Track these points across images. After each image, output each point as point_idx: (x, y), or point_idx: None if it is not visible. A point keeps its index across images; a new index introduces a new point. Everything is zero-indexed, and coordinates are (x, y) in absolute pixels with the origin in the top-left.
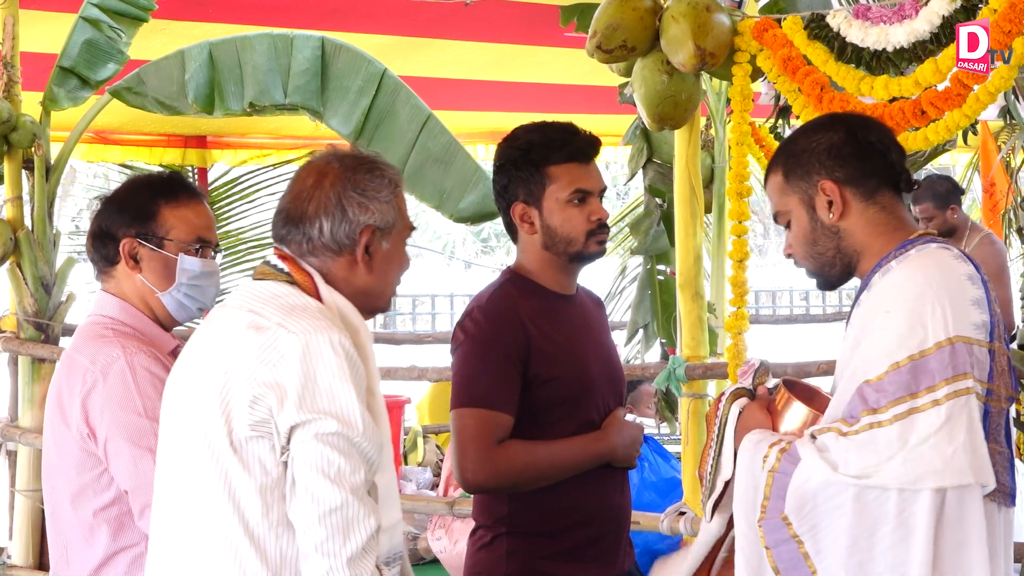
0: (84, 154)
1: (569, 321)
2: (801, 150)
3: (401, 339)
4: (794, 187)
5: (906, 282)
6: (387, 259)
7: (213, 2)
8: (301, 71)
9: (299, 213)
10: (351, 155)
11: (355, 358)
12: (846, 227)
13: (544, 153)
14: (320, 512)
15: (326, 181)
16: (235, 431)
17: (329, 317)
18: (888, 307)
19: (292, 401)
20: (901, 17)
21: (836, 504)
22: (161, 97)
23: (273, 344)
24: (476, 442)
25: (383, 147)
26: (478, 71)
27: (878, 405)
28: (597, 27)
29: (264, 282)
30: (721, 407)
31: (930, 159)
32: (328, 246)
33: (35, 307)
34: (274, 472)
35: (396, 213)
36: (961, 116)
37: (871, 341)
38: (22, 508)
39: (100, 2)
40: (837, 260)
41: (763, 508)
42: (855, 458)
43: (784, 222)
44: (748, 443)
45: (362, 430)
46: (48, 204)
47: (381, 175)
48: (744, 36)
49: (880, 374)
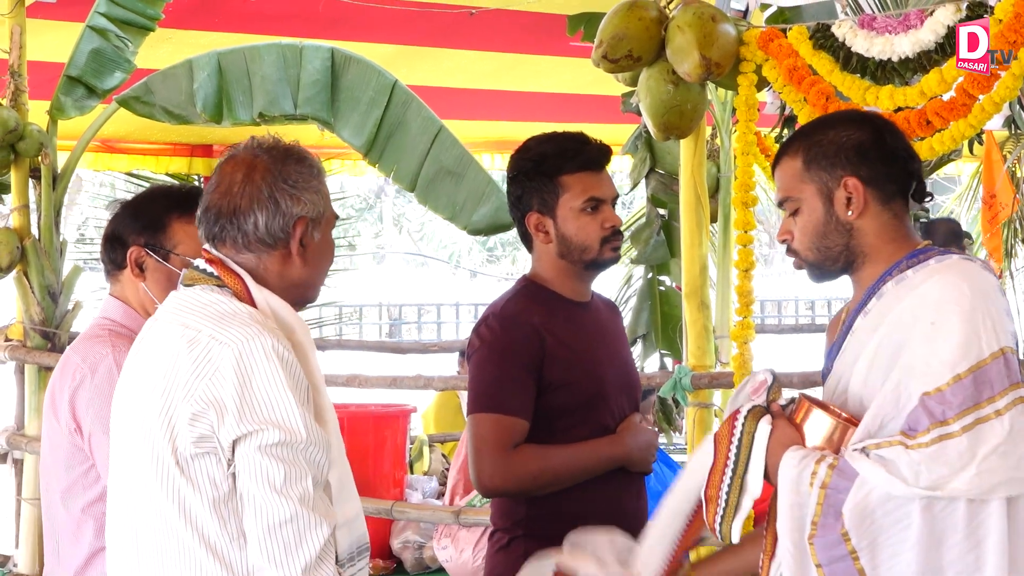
0: (90, 163)
1: (584, 328)
2: (829, 142)
3: (407, 348)
4: (814, 177)
5: (950, 293)
6: (319, 250)
7: (219, 11)
8: (311, 82)
9: (232, 208)
10: (276, 146)
11: (291, 361)
12: (860, 227)
13: (556, 163)
14: (270, 525)
15: (256, 174)
16: (179, 449)
17: (261, 321)
18: (932, 319)
19: (231, 414)
20: (906, 27)
21: (899, 517)
22: (169, 106)
23: (206, 357)
24: (492, 447)
25: (395, 158)
26: (484, 80)
27: (944, 417)
28: (603, 37)
29: (193, 289)
30: (739, 426)
31: (935, 169)
32: (263, 240)
33: (41, 316)
34: (224, 486)
35: (324, 202)
36: (966, 126)
37: (920, 352)
38: (28, 516)
39: (107, 11)
40: (842, 257)
41: (814, 525)
42: (926, 470)
43: (791, 209)
44: (791, 460)
45: (305, 436)
46: (55, 213)
47: (309, 165)
48: (750, 46)
49: (941, 386)
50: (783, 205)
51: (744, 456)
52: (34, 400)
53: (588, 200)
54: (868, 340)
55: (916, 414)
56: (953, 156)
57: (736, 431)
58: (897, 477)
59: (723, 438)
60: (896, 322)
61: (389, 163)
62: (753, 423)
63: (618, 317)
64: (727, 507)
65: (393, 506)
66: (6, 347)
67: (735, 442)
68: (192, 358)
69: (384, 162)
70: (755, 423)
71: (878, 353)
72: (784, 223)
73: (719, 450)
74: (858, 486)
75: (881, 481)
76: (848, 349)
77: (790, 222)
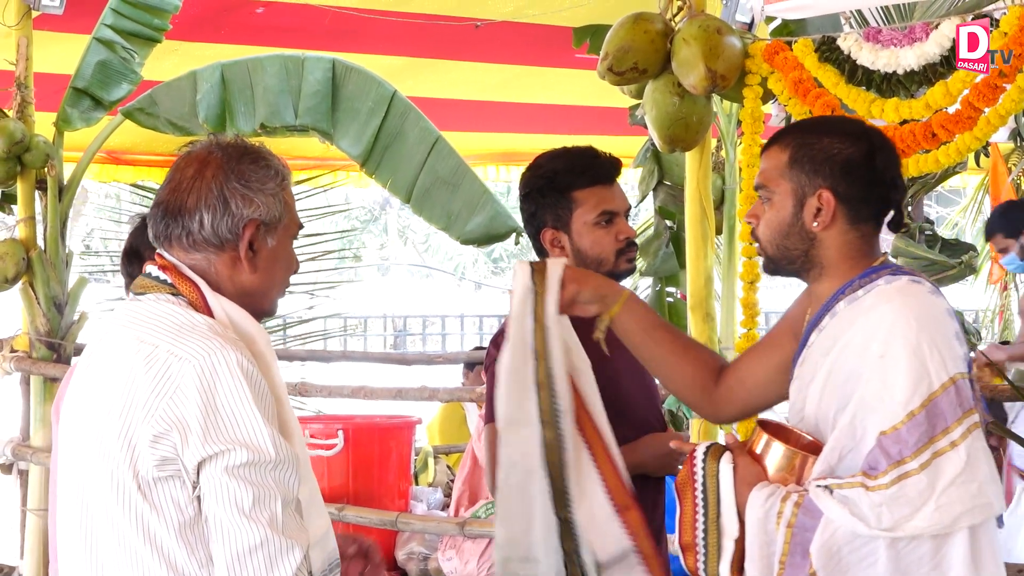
0: (97, 174)
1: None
2: (820, 148)
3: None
4: (794, 177)
5: (899, 326)
6: (272, 257)
7: (226, 23)
8: (312, 92)
9: (178, 205)
10: (235, 144)
11: (256, 376)
12: (823, 239)
13: (568, 179)
14: (239, 551)
15: (207, 171)
16: (141, 473)
17: (221, 333)
18: (880, 351)
19: (196, 435)
20: (911, 40)
21: (865, 554)
22: (173, 118)
23: (166, 374)
24: None
25: (392, 169)
26: (490, 92)
27: (902, 456)
28: (608, 49)
29: (146, 297)
30: (700, 468)
31: (940, 181)
32: (209, 240)
33: (47, 327)
34: (190, 510)
35: (283, 208)
36: (972, 139)
37: (872, 388)
38: (33, 527)
39: (113, 23)
40: (799, 261)
41: (782, 564)
42: (887, 512)
43: (764, 196)
44: (757, 500)
45: (274, 455)
46: (60, 224)
47: (267, 166)
48: (755, 59)
49: (896, 424)
50: (758, 189)
51: (713, 499)
52: (39, 411)
53: (601, 214)
54: (821, 362)
55: (874, 454)
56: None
57: (697, 474)
58: (859, 519)
59: (686, 483)
60: (846, 347)
61: (386, 174)
62: (714, 463)
63: None
64: (708, 552)
65: (398, 517)
66: (12, 358)
67: (699, 486)
68: (151, 376)
69: (381, 172)
70: (716, 463)
71: (829, 379)
72: (755, 206)
73: (684, 496)
74: (824, 526)
75: (845, 521)
76: (805, 364)
77: (760, 208)
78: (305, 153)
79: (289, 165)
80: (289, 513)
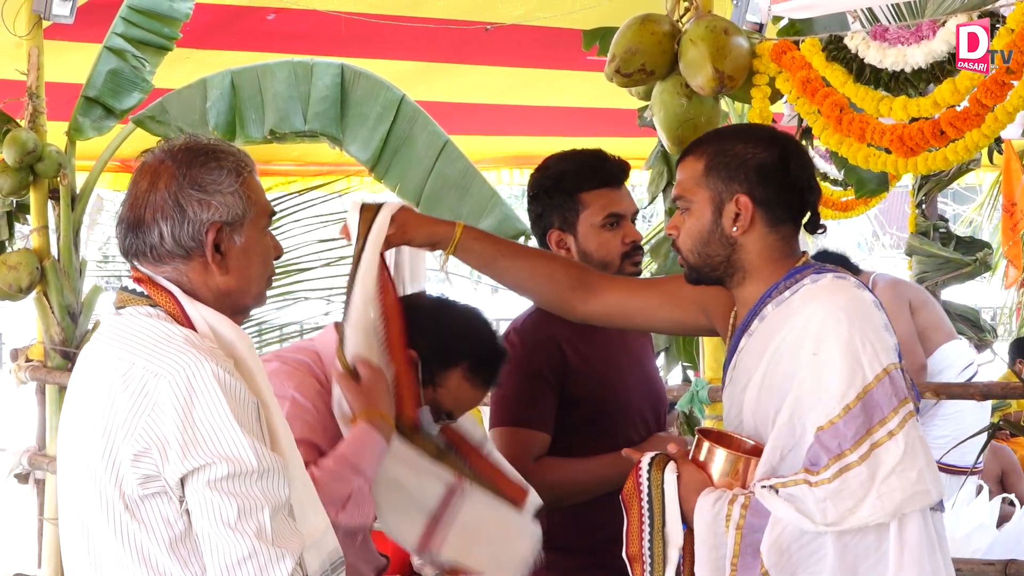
0: (110, 183)
1: (608, 342)
2: (734, 154)
3: None
4: (711, 184)
5: (829, 323)
6: (244, 254)
7: (236, 31)
8: (320, 98)
9: (137, 220)
10: (185, 148)
11: (234, 385)
12: (743, 243)
13: (576, 181)
14: (227, 564)
15: (160, 182)
16: (127, 492)
17: (197, 344)
18: (813, 349)
19: (175, 451)
20: (919, 38)
21: (813, 550)
22: (183, 125)
23: (142, 391)
24: (513, 460)
25: (401, 173)
26: (501, 96)
27: (841, 450)
28: (616, 51)
29: (126, 311)
30: (645, 479)
31: (955, 179)
32: (174, 252)
33: (62, 336)
34: (179, 524)
35: (245, 203)
36: (980, 136)
37: (807, 387)
38: (50, 536)
39: (124, 32)
40: (722, 267)
41: (733, 566)
42: (832, 506)
43: (683, 207)
44: (704, 504)
45: (256, 465)
46: (74, 233)
47: (219, 165)
48: (762, 58)
49: (833, 418)
50: (676, 201)
51: (658, 509)
52: (55, 420)
53: (608, 216)
54: (755, 366)
55: (814, 450)
56: (972, 166)
57: (643, 485)
58: (806, 515)
59: (631, 494)
60: (779, 349)
61: (395, 178)
62: (659, 473)
63: (645, 333)
64: (654, 562)
65: None
66: (27, 368)
67: (645, 496)
68: (128, 394)
69: (390, 177)
70: (660, 473)
71: (765, 382)
72: (675, 218)
73: (631, 507)
74: (772, 525)
75: (792, 519)
76: (737, 369)
77: (679, 219)
78: (318, 159)
79: (302, 171)
80: (279, 520)
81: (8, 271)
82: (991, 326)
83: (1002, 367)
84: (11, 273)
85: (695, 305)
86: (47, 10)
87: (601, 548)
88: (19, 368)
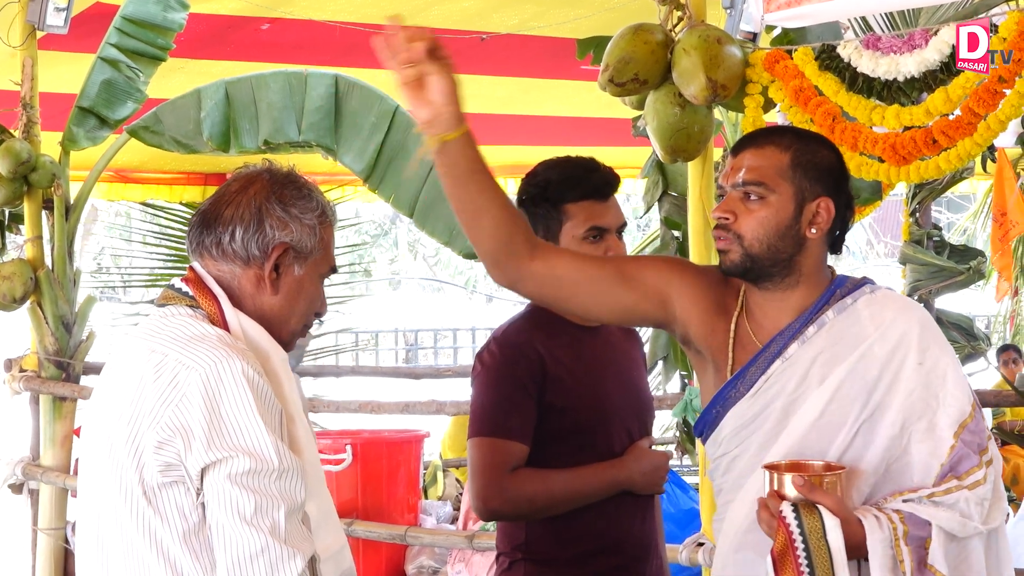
0: (104, 193)
1: (591, 352)
2: (821, 158)
3: (421, 373)
4: (797, 179)
5: (926, 332)
6: (297, 285)
7: (231, 41)
8: (315, 108)
9: (215, 216)
10: (286, 173)
11: (261, 385)
12: (809, 246)
13: (560, 191)
14: (239, 557)
15: (251, 188)
16: (147, 479)
17: (230, 344)
18: (919, 359)
19: (200, 442)
20: (911, 47)
21: (969, 551)
22: (178, 136)
23: (173, 382)
24: (490, 471)
25: (395, 183)
26: (496, 105)
27: (983, 447)
28: (609, 61)
29: (166, 309)
30: (797, 531)
31: (948, 187)
32: (237, 253)
33: (56, 346)
34: (194, 517)
35: (317, 242)
36: (972, 144)
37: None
38: (44, 547)
39: (118, 42)
40: (780, 265)
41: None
42: (988, 507)
43: (756, 194)
44: (873, 529)
45: (277, 463)
46: (68, 243)
47: (310, 197)
48: (756, 68)
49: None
50: (748, 186)
51: (823, 560)
52: (49, 430)
53: (590, 229)
54: (826, 373)
55: (960, 453)
56: (965, 174)
57: (797, 540)
58: (969, 518)
59: (784, 552)
60: (866, 356)
61: (389, 188)
62: (815, 520)
63: (634, 342)
64: None
65: (407, 531)
66: (21, 378)
67: (801, 551)
68: (159, 384)
69: (384, 187)
70: (817, 520)
71: (842, 390)
72: (732, 202)
73: (784, 567)
74: (936, 534)
75: (954, 526)
76: (781, 378)
77: (740, 205)
78: (313, 168)
79: None
80: (293, 521)
81: (2, 281)
82: (985, 334)
83: (995, 375)
84: (5, 283)
85: (656, 293)
86: (41, 20)
87: (584, 560)
88: (13, 378)
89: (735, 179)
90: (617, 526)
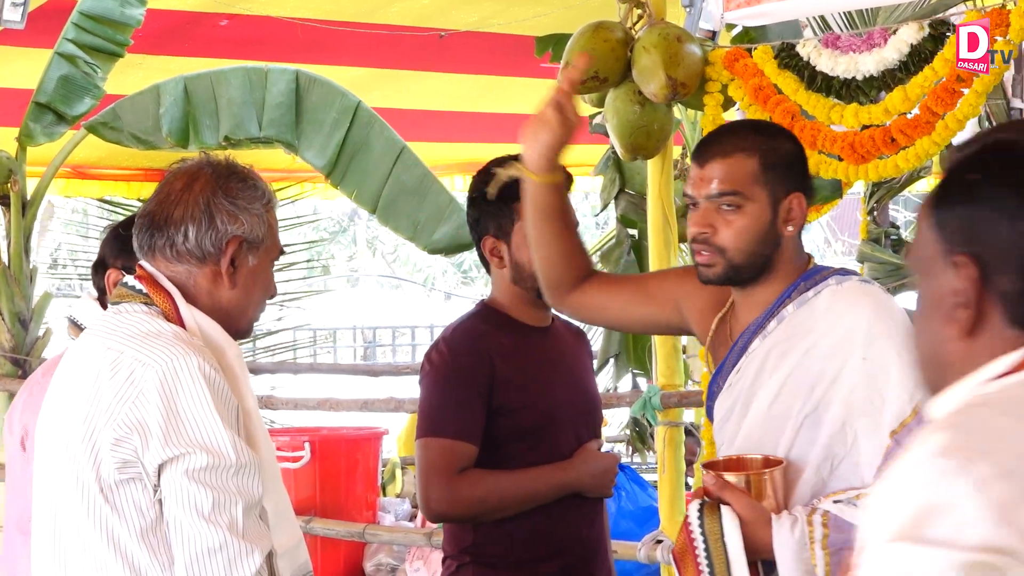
0: (62, 189)
1: (541, 353)
2: (784, 152)
3: (379, 371)
4: (770, 182)
5: (874, 326)
6: (252, 275)
7: (190, 37)
8: (275, 104)
9: (164, 217)
10: (225, 163)
11: (218, 382)
12: (785, 242)
13: (512, 189)
14: (197, 553)
15: (196, 185)
16: (103, 477)
17: (186, 340)
18: (863, 354)
19: (156, 438)
20: (870, 46)
21: None
22: (136, 132)
23: (129, 379)
24: (438, 472)
25: (357, 179)
26: (455, 103)
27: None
28: (569, 58)
29: (120, 307)
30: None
31: (906, 186)
32: (192, 253)
33: (12, 343)
34: (151, 513)
35: (266, 229)
36: (930, 143)
37: (860, 393)
38: None
39: (75, 37)
40: (759, 267)
41: None
42: None
43: (732, 204)
44: (783, 533)
45: (235, 459)
46: (24, 239)
47: (255, 187)
48: (715, 66)
49: (905, 420)
50: (724, 197)
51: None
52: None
53: None
54: (774, 367)
55: (894, 452)
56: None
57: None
58: None
59: (684, 552)
60: (811, 351)
61: (351, 184)
62: (714, 522)
63: (583, 343)
64: None
65: (365, 529)
66: None
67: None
68: (115, 381)
69: (346, 183)
70: (716, 521)
71: (788, 384)
72: (708, 215)
73: (685, 566)
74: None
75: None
76: (743, 371)
77: (717, 216)
78: (271, 165)
79: None
80: (251, 517)
81: None
82: None
83: None
84: None
85: (671, 303)
86: None
87: (532, 564)
88: None
89: (708, 190)
90: (565, 529)
